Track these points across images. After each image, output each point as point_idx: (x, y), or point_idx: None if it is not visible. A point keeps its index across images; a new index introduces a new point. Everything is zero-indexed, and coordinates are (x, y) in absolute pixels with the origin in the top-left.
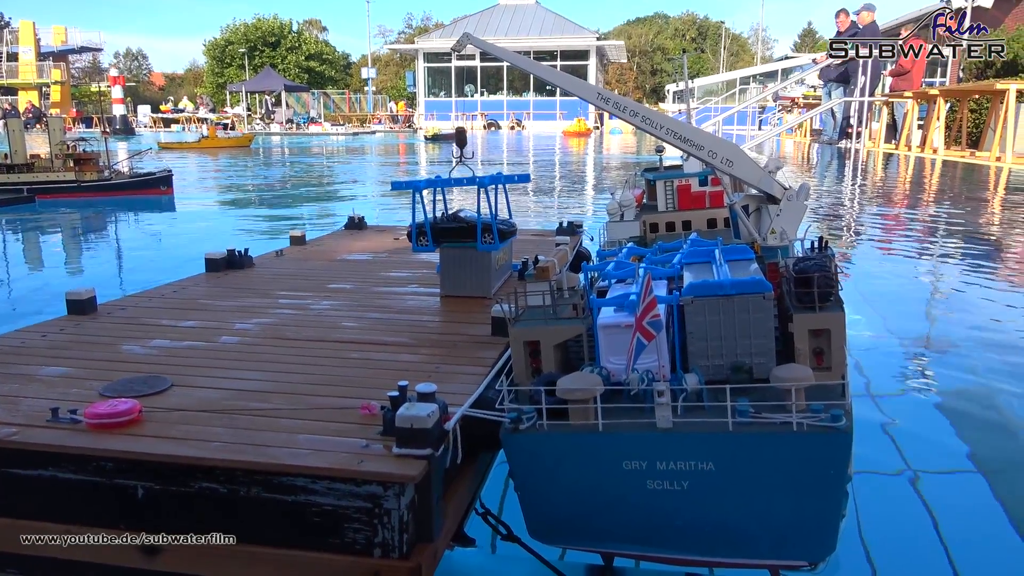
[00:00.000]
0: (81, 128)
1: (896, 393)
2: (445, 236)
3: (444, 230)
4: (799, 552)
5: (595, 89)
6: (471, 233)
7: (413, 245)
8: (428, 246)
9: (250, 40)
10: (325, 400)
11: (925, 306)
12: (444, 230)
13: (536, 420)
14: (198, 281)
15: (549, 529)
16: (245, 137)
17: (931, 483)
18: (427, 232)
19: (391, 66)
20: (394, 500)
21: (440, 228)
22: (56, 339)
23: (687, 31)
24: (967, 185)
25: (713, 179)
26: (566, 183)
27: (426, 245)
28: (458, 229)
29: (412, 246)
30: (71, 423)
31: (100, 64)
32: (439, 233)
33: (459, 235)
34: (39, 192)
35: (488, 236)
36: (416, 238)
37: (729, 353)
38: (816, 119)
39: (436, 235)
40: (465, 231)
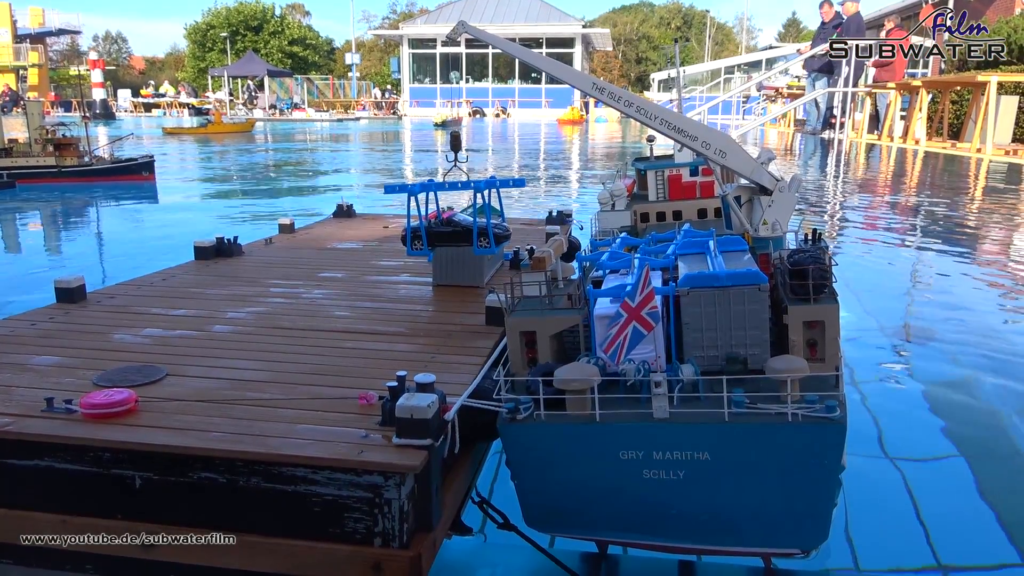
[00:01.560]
0: (60, 112)
1: (877, 381)
2: (440, 240)
3: (439, 234)
4: (792, 540)
5: (590, 79)
6: (466, 237)
7: (408, 249)
8: (423, 250)
9: (232, 24)
10: (322, 390)
11: (906, 295)
12: (439, 234)
13: (533, 410)
14: (187, 269)
15: (546, 518)
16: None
17: (914, 469)
18: (422, 236)
19: (375, 52)
20: (395, 490)
21: (435, 232)
22: (46, 328)
23: (672, 19)
24: (948, 176)
25: (704, 169)
26: (552, 172)
27: (421, 249)
28: (453, 233)
29: (407, 250)
30: (66, 413)
31: (79, 47)
32: (434, 237)
33: (454, 239)
34: (19, 177)
35: (484, 240)
36: (411, 242)
37: (724, 344)
38: (800, 109)
39: (431, 239)
40: (460, 235)
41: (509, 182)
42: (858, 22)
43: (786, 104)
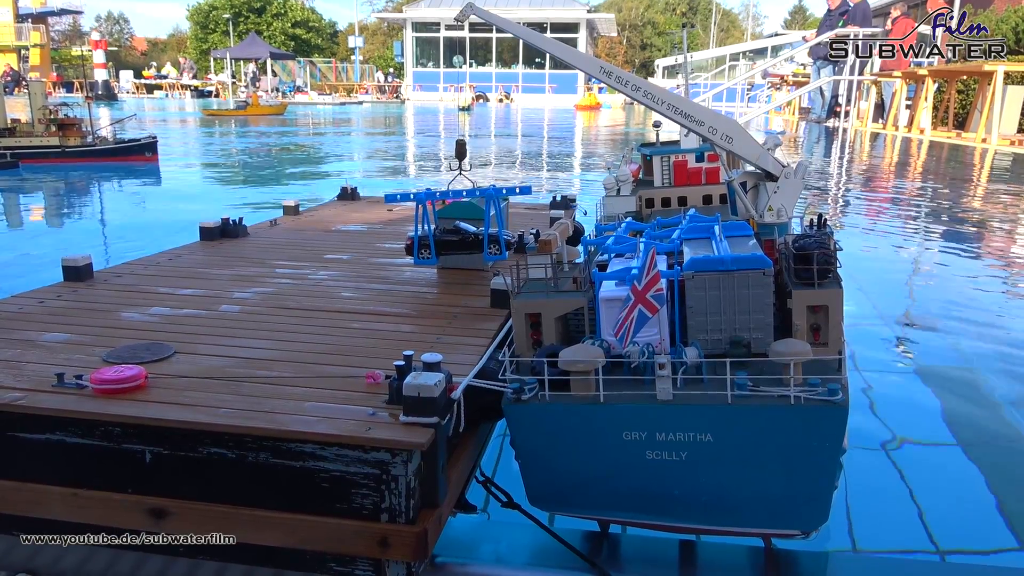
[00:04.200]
0: (62, 93)
1: (878, 366)
2: (447, 248)
3: (446, 242)
4: (792, 521)
5: (598, 63)
6: (473, 245)
7: (414, 258)
8: (431, 259)
9: (235, 6)
10: (329, 369)
11: (908, 282)
12: (446, 242)
13: (538, 391)
14: (193, 250)
15: (549, 497)
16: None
17: (914, 454)
18: (430, 244)
19: (378, 35)
20: (401, 467)
21: (442, 240)
22: (54, 305)
23: (677, 5)
24: (953, 165)
25: (710, 155)
26: (554, 157)
27: (428, 258)
28: (460, 241)
29: (413, 259)
30: (77, 388)
31: (80, 27)
32: (441, 245)
33: (461, 247)
34: (22, 157)
35: (495, 247)
36: (417, 251)
37: (728, 328)
38: (805, 97)
39: (437, 247)
40: (467, 243)
41: (515, 190)
42: (864, 10)
43: (791, 92)
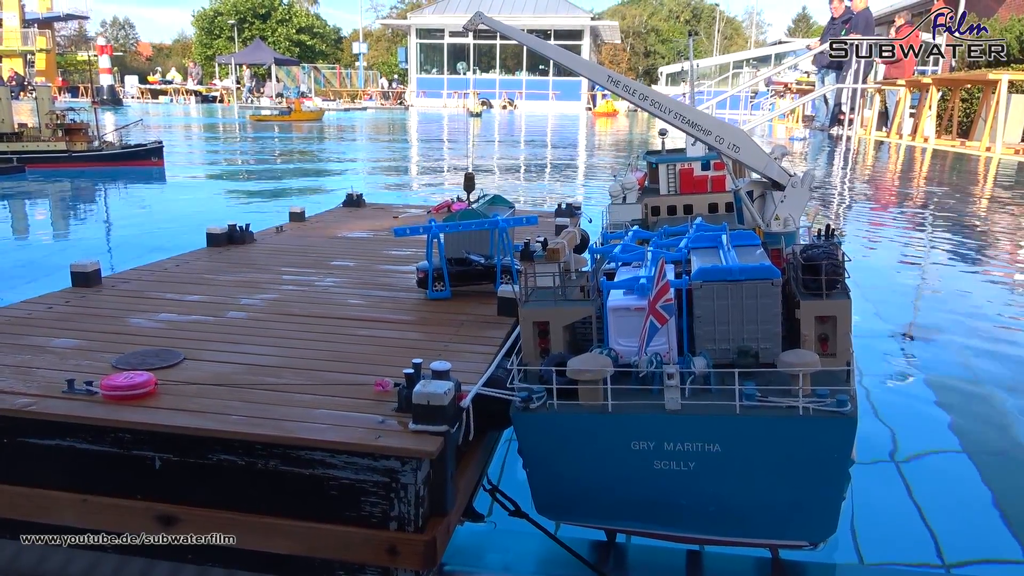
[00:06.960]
0: (67, 98)
1: (885, 377)
2: (460, 280)
3: (459, 274)
4: (801, 533)
5: (605, 71)
6: (485, 275)
7: (429, 291)
8: (444, 291)
9: (239, 11)
10: (337, 376)
11: (912, 292)
12: (459, 274)
13: (546, 399)
14: (200, 256)
15: (557, 506)
16: (320, 111)
17: (922, 465)
18: (444, 276)
19: (382, 41)
20: (411, 475)
21: (456, 273)
22: (63, 311)
23: (682, 13)
24: (957, 174)
25: (716, 163)
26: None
27: (443, 291)
28: (474, 272)
29: (428, 293)
30: (87, 394)
31: (86, 33)
32: (454, 277)
33: (474, 278)
34: (29, 162)
35: (507, 277)
36: (432, 283)
37: (736, 337)
38: (808, 105)
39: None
40: (480, 274)
41: (523, 220)
42: (867, 18)
43: (794, 100)
